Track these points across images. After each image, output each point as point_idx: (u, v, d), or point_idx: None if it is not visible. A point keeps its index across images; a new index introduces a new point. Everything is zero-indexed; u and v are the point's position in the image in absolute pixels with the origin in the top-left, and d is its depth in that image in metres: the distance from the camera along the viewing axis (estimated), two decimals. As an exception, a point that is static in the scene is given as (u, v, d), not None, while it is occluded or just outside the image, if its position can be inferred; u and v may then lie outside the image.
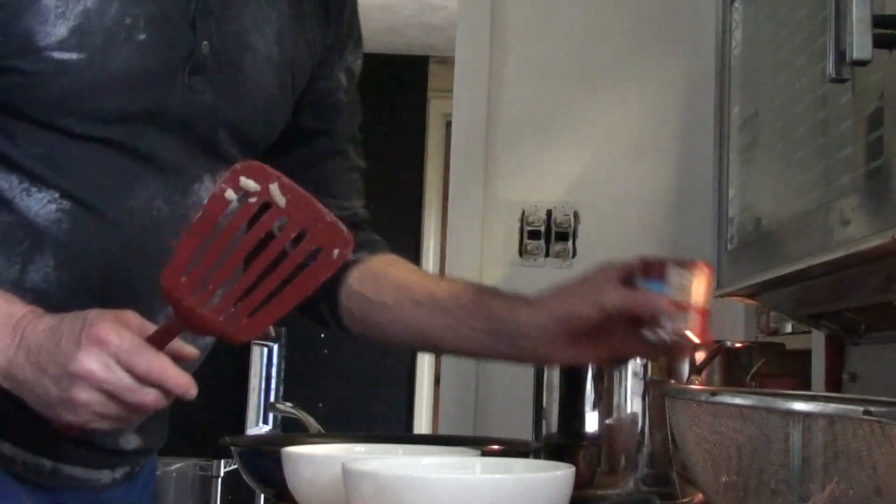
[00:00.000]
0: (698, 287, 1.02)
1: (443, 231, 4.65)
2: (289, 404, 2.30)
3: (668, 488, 1.27)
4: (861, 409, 0.83)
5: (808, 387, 1.58)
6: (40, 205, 1.01)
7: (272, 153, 1.19)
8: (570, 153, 2.46)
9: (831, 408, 0.86)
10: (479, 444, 1.18)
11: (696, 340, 1.03)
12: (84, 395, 0.91)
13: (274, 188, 0.92)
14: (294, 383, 4.76)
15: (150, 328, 0.95)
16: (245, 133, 1.14)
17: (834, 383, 1.45)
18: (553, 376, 1.39)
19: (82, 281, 1.03)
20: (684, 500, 1.25)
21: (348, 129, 1.28)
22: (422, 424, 5.08)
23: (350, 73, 1.29)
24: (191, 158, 1.09)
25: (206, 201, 0.93)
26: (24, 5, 0.97)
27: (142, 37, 1.02)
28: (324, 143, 1.26)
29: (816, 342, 1.56)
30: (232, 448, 1.25)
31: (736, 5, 1.47)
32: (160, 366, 0.92)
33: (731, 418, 0.91)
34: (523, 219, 2.48)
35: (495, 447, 1.22)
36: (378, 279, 1.21)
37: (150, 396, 0.93)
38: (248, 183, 0.91)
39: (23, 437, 1.04)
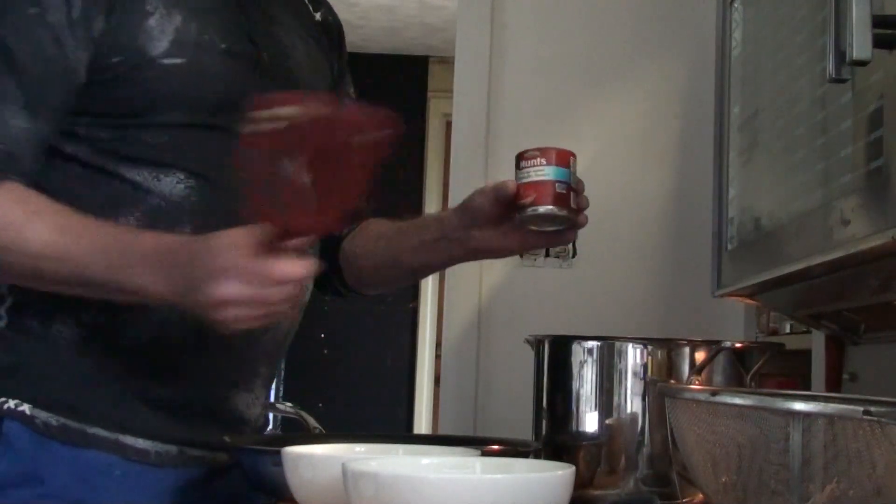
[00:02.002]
0: (544, 166, 1.27)
1: (443, 231, 4.64)
2: (289, 404, 2.30)
3: (668, 488, 1.27)
4: (861, 409, 0.83)
5: (808, 387, 1.58)
6: (171, 186, 1.25)
7: None
8: (570, 153, 2.46)
9: (831, 408, 0.86)
10: (479, 444, 1.17)
11: (552, 209, 1.25)
12: (229, 314, 1.11)
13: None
14: (294, 383, 4.76)
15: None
16: None
17: (834, 383, 1.45)
18: (553, 376, 1.39)
19: None
20: (684, 500, 1.25)
21: None
22: (422, 424, 5.09)
23: (351, 98, 1.57)
24: None
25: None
26: (136, 27, 1.23)
27: (222, 46, 1.28)
28: None
29: (816, 342, 1.56)
30: (232, 448, 1.25)
31: (736, 5, 1.47)
32: (283, 271, 1.11)
33: (731, 418, 0.91)
34: (523, 219, 2.48)
35: (495, 447, 1.22)
36: (359, 235, 1.50)
37: (282, 295, 1.12)
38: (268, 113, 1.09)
39: (154, 431, 1.26)
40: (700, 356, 1.31)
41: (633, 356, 1.32)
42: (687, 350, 1.32)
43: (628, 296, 2.47)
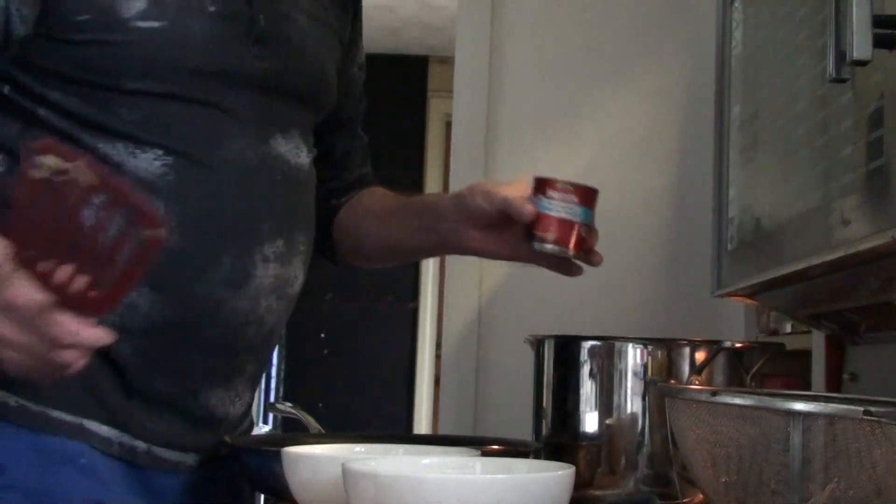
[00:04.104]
0: (575, 205, 1.23)
1: (443, 231, 4.64)
2: (289, 404, 2.29)
3: (668, 488, 1.27)
4: (861, 409, 0.83)
5: (808, 387, 1.58)
6: (147, 162, 1.15)
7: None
8: (570, 153, 2.46)
9: (831, 408, 0.86)
10: (479, 444, 1.18)
11: (570, 253, 1.23)
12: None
13: (79, 165, 0.96)
14: (294, 383, 4.76)
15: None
16: (304, 96, 1.29)
17: (834, 383, 1.45)
18: (553, 376, 1.39)
19: (188, 224, 1.16)
20: (684, 500, 1.25)
21: (355, 110, 1.49)
22: (422, 424, 5.08)
23: (361, 66, 1.48)
24: (264, 116, 1.23)
25: (14, 186, 0.98)
26: None
27: (211, 9, 1.17)
28: (335, 123, 1.43)
29: (816, 342, 1.56)
30: (232, 448, 1.25)
31: (736, 5, 1.47)
32: (70, 329, 0.98)
33: (731, 418, 0.91)
34: (523, 219, 2.48)
35: (495, 447, 1.22)
36: (354, 209, 1.45)
37: (69, 356, 1.00)
38: (53, 161, 0.96)
39: (121, 421, 1.17)
40: (700, 356, 1.31)
41: (633, 356, 1.32)
42: (687, 350, 1.32)
43: (628, 296, 2.47)
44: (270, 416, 3.96)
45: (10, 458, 1.12)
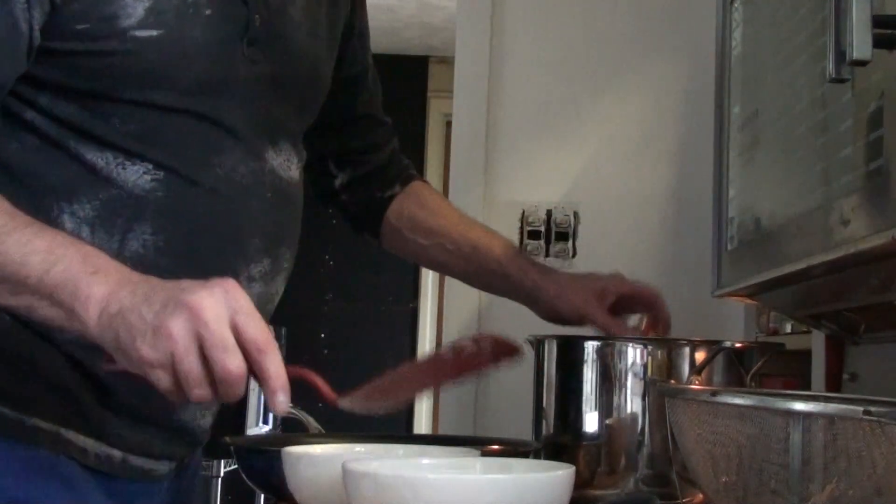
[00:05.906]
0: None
1: (443, 231, 4.64)
2: (289, 404, 2.29)
3: (668, 488, 1.27)
4: (861, 409, 0.83)
5: (808, 387, 1.58)
6: (136, 176, 1.11)
7: (321, 132, 1.41)
8: (570, 153, 2.46)
9: (831, 408, 0.86)
10: (479, 444, 1.17)
11: None
12: (178, 325, 0.92)
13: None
14: (294, 383, 4.76)
15: None
16: (298, 97, 1.26)
17: (834, 383, 1.45)
18: (553, 376, 1.39)
19: (176, 244, 1.13)
20: (684, 500, 1.25)
21: (376, 93, 1.54)
22: (422, 424, 5.08)
23: (363, 37, 1.48)
24: (258, 127, 1.20)
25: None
26: None
27: (207, 12, 1.13)
28: (361, 115, 1.51)
29: (816, 342, 1.56)
30: (232, 448, 1.25)
31: (736, 5, 1.46)
32: (267, 340, 0.97)
33: (731, 418, 0.91)
34: (523, 219, 2.48)
35: (495, 447, 1.22)
36: (414, 220, 1.49)
37: (235, 364, 0.96)
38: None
39: (98, 431, 1.15)
40: (700, 356, 1.31)
41: (633, 356, 1.32)
42: (687, 350, 1.32)
43: (628, 296, 2.47)
44: (270, 416, 3.96)
45: None
